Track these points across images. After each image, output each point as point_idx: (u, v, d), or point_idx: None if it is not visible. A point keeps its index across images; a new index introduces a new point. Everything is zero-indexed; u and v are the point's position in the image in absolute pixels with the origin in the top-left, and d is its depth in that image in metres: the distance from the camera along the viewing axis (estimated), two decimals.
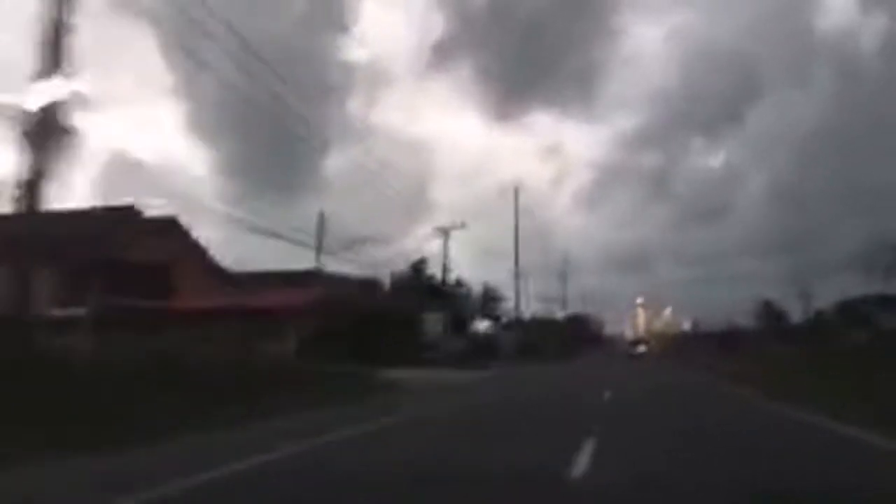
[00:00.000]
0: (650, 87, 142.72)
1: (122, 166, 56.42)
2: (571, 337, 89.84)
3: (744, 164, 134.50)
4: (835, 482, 6.31)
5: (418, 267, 52.38)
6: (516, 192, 61.03)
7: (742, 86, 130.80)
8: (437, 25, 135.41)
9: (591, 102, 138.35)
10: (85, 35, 12.59)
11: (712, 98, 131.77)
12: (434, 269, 50.61)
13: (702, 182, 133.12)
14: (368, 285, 43.93)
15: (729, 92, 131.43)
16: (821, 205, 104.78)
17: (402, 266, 51.84)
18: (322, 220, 37.44)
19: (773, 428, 10.78)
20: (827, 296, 71.17)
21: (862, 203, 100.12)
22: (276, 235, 31.41)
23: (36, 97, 12.15)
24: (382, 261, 51.70)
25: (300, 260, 41.24)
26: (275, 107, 22.68)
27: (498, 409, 14.85)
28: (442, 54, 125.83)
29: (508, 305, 66.65)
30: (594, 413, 13.20)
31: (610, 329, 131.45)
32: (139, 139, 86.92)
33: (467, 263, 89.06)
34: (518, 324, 65.59)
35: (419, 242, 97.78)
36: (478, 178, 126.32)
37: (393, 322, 35.32)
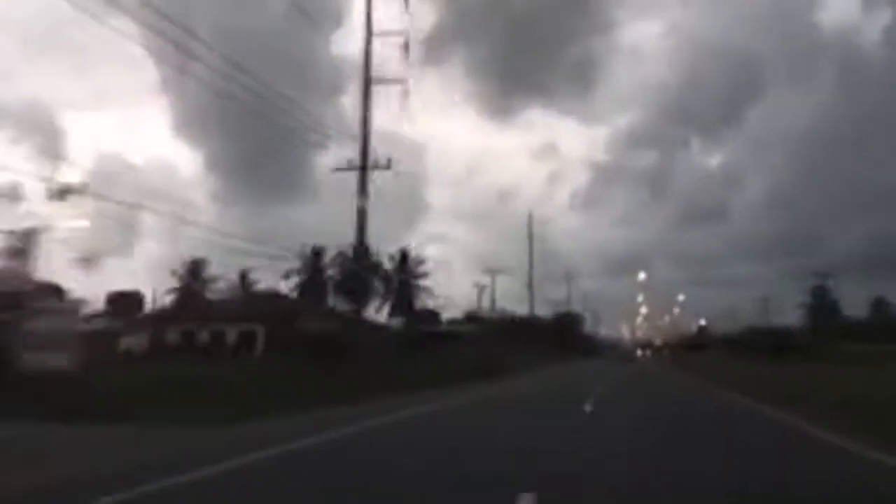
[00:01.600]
0: (648, 84, 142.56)
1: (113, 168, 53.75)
2: (560, 338, 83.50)
3: (746, 163, 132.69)
4: None
5: None
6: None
7: (742, 84, 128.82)
8: (431, 21, 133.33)
9: (587, 100, 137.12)
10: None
11: (713, 96, 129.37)
12: None
13: (701, 182, 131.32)
14: None
15: (729, 90, 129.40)
16: (822, 205, 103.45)
17: None
18: None
19: None
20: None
21: (864, 202, 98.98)
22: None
23: None
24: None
25: None
26: (261, 105, 22.22)
27: None
28: (435, 50, 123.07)
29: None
30: None
31: (608, 332, 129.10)
32: (128, 141, 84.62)
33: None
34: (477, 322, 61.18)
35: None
36: (471, 176, 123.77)
37: None
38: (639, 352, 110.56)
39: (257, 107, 20.21)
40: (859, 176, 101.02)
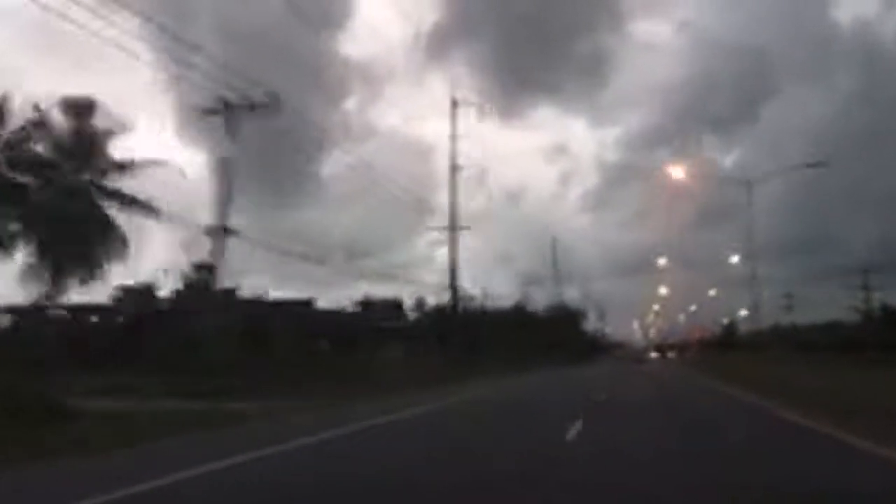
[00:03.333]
0: (661, 82, 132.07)
1: None
2: (553, 337, 66.37)
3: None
4: None
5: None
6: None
7: (758, 81, 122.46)
8: (434, 19, 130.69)
9: (597, 99, 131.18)
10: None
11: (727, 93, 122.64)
12: None
13: (717, 180, 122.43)
14: None
15: (744, 87, 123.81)
16: (841, 203, 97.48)
17: None
18: None
19: None
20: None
21: (883, 200, 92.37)
22: None
23: None
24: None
25: None
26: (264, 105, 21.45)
27: None
28: (440, 49, 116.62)
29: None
30: None
31: (620, 333, 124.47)
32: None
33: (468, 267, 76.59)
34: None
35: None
36: (479, 175, 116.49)
37: None
38: (652, 353, 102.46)
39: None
40: (879, 173, 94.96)
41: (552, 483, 6.70)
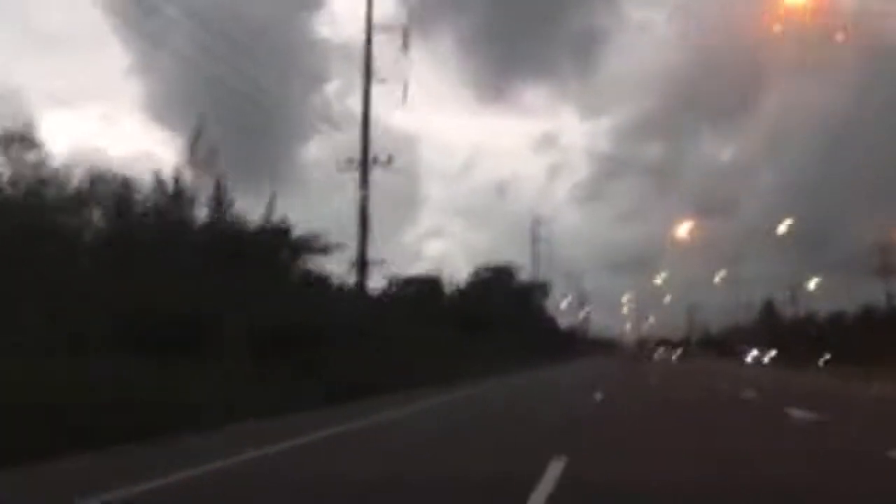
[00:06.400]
0: (656, 69, 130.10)
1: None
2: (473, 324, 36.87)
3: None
4: None
5: None
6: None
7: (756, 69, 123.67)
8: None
9: (588, 87, 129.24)
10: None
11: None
12: None
13: (711, 173, 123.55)
14: None
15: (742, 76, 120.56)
16: (841, 197, 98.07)
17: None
18: None
19: None
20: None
21: (885, 193, 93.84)
22: None
23: None
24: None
25: None
26: (238, 93, 20.39)
27: None
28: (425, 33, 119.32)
29: None
30: None
31: (612, 332, 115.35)
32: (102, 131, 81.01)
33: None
34: None
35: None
36: (465, 167, 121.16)
37: None
38: (658, 351, 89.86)
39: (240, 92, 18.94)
40: (881, 165, 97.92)
41: None
